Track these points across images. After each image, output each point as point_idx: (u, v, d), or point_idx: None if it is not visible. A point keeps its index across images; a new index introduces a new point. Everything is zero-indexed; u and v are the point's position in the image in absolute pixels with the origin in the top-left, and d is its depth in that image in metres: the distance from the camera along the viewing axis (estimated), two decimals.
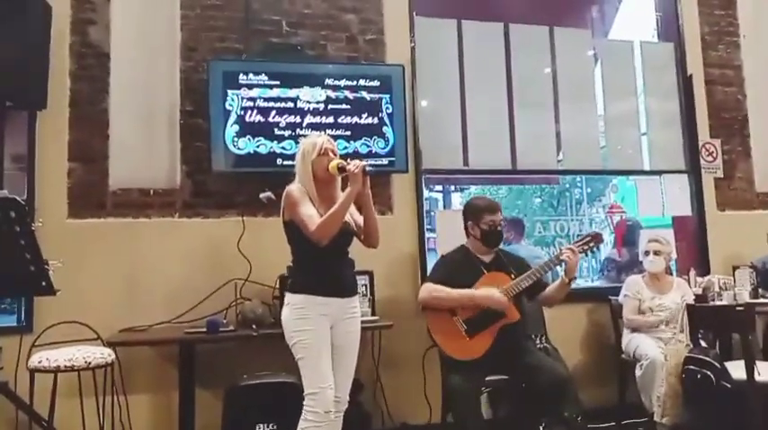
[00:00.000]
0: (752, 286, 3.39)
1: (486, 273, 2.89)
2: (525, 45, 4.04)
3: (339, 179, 2.36)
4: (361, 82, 3.47)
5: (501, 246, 3.03)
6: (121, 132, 3.32)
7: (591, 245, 2.92)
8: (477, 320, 2.77)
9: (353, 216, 2.43)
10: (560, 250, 2.89)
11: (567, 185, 7.46)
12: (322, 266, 2.32)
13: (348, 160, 2.32)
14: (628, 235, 4.84)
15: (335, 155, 2.38)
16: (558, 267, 2.93)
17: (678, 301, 3.31)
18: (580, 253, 2.90)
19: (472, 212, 2.98)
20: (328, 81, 3.43)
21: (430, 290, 2.85)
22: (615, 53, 4.28)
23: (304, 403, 2.20)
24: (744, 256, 3.79)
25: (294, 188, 2.32)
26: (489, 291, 2.78)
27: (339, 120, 3.41)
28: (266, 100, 3.34)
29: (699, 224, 4.15)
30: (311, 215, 2.24)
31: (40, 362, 2.59)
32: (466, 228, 3.01)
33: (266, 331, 2.86)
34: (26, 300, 3.11)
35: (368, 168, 2.28)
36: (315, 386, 2.20)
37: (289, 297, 2.32)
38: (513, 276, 2.86)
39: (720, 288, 3.40)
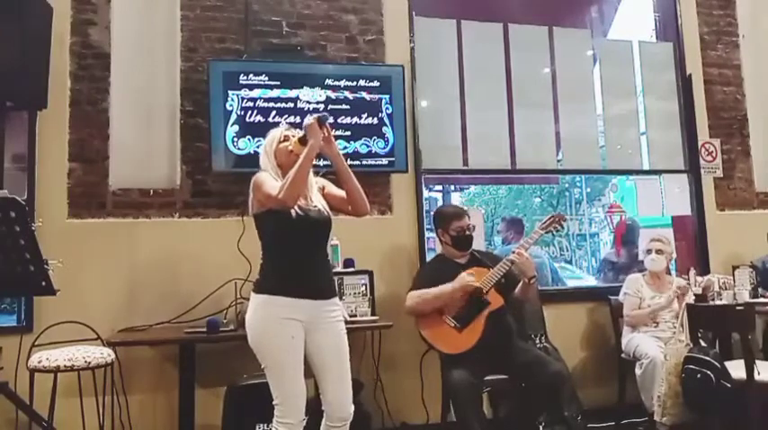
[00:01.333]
0: (752, 286, 3.39)
1: (465, 271, 2.96)
2: (524, 45, 4.04)
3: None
4: (361, 82, 3.48)
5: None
6: (121, 132, 3.33)
7: (554, 225, 3.05)
8: (465, 314, 2.86)
9: (334, 192, 2.30)
10: (514, 251, 2.96)
11: (567, 185, 7.49)
12: (292, 264, 2.14)
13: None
14: (627, 235, 4.84)
15: (295, 137, 2.22)
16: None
17: (677, 290, 3.32)
18: (546, 233, 3.07)
19: (440, 220, 3.13)
20: (328, 81, 3.43)
21: (413, 296, 2.95)
22: (614, 53, 4.28)
23: (274, 411, 2.05)
24: (743, 256, 3.79)
25: (260, 173, 2.20)
26: (461, 277, 2.85)
27: (339, 121, 3.40)
28: (266, 100, 3.34)
29: (698, 224, 4.15)
30: (274, 185, 2.09)
31: (39, 362, 2.58)
32: (438, 237, 3.14)
33: None
34: (26, 300, 3.11)
35: (322, 115, 2.11)
36: (282, 396, 2.04)
37: (253, 298, 2.15)
38: (490, 269, 2.95)
39: (720, 287, 3.40)
